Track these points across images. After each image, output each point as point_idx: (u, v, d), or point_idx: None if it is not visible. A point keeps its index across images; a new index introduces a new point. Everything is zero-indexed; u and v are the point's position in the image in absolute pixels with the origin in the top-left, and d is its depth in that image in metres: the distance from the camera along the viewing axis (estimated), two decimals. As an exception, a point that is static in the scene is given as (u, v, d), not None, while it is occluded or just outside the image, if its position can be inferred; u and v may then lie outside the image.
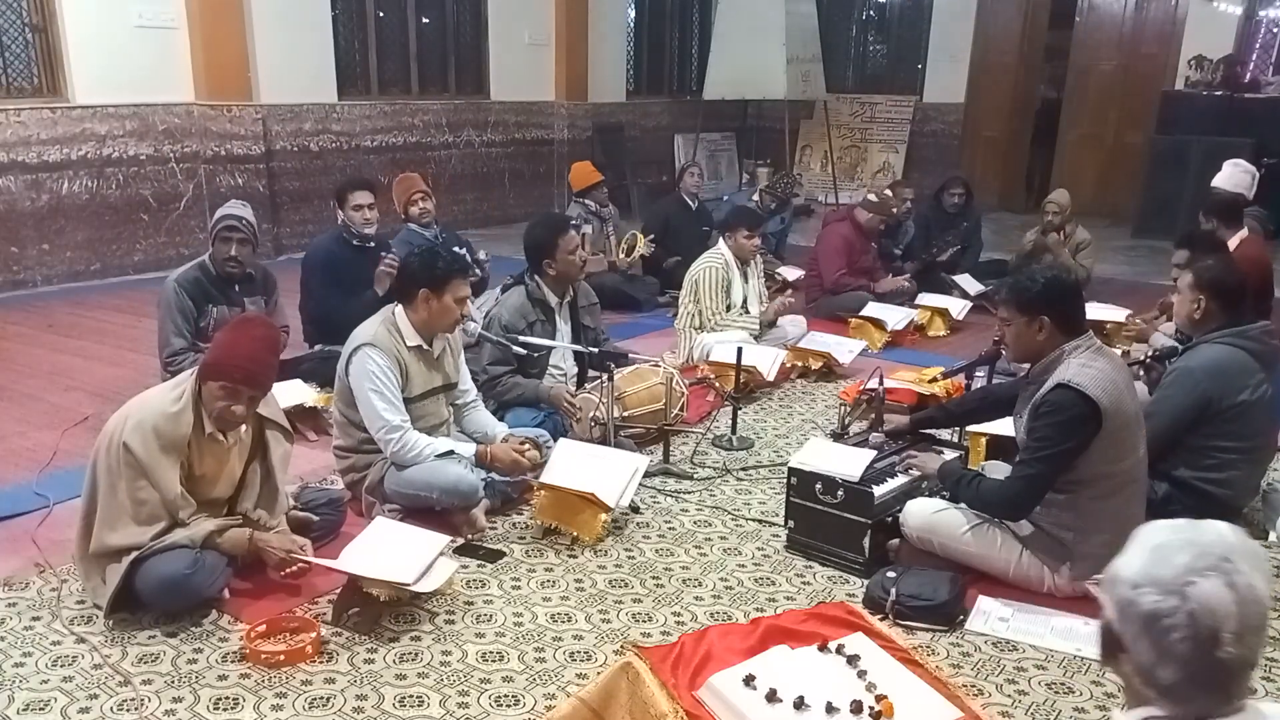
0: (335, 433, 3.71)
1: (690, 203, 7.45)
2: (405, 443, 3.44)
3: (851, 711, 2.26)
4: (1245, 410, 3.47)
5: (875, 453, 3.44)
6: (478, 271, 5.61)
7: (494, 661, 2.75)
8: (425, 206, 5.63)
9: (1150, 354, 4.24)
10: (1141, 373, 4.15)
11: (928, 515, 3.18)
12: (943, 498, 3.29)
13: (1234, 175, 6.04)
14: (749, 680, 2.31)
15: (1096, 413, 2.86)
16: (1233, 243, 5.15)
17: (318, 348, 4.93)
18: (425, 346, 3.57)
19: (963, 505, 3.17)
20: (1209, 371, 3.49)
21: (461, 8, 9.91)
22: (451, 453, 3.52)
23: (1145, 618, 1.27)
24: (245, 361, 2.88)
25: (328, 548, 3.24)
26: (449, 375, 3.73)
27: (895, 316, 6.11)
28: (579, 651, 2.82)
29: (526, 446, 3.62)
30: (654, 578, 3.24)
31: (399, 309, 3.56)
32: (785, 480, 3.44)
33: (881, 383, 3.93)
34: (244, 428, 3.05)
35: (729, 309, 5.49)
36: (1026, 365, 3.22)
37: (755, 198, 8.04)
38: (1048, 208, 7.07)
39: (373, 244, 5.04)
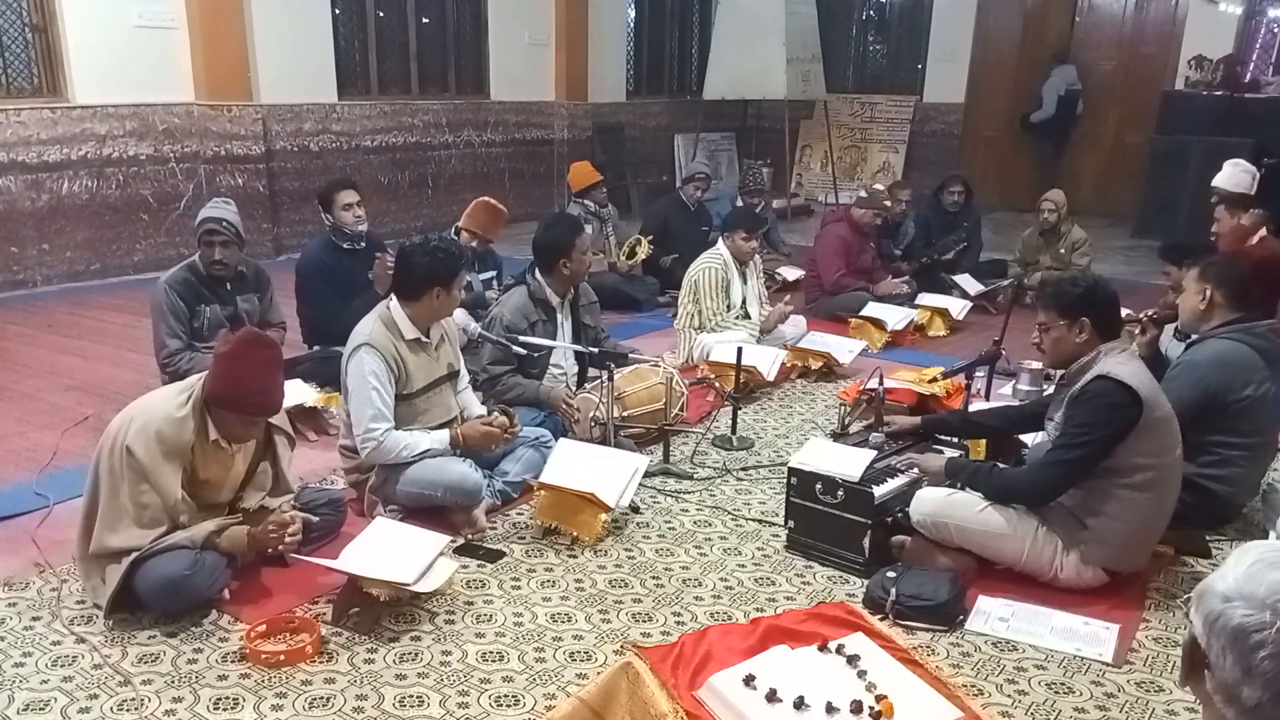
0: (343, 431, 3.70)
1: (689, 204, 7.45)
2: (381, 444, 3.43)
3: (851, 711, 2.26)
4: (1249, 406, 3.48)
5: (875, 453, 3.44)
6: (491, 293, 5.46)
7: (494, 661, 2.75)
8: (475, 246, 5.43)
9: (1150, 314, 4.23)
10: (1138, 333, 4.13)
11: (941, 499, 3.20)
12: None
13: (1234, 175, 6.05)
14: (749, 680, 2.31)
15: (1137, 403, 2.93)
16: (1252, 241, 5.16)
17: (316, 348, 4.92)
18: (424, 338, 3.58)
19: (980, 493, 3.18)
20: (1214, 364, 3.49)
21: (461, 8, 9.90)
22: (429, 450, 3.51)
23: (1233, 632, 1.23)
24: (259, 395, 2.90)
25: (328, 548, 3.24)
26: (452, 363, 3.73)
27: (895, 316, 6.11)
28: (579, 651, 2.82)
29: (494, 416, 3.63)
30: (654, 578, 3.24)
31: (393, 303, 3.56)
32: (785, 480, 3.44)
33: (881, 383, 3.94)
34: None
35: (729, 309, 5.50)
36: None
37: (739, 201, 8.02)
38: (1044, 206, 7.09)
39: (363, 244, 4.97)
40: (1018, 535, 3.11)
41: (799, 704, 2.26)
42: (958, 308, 6.52)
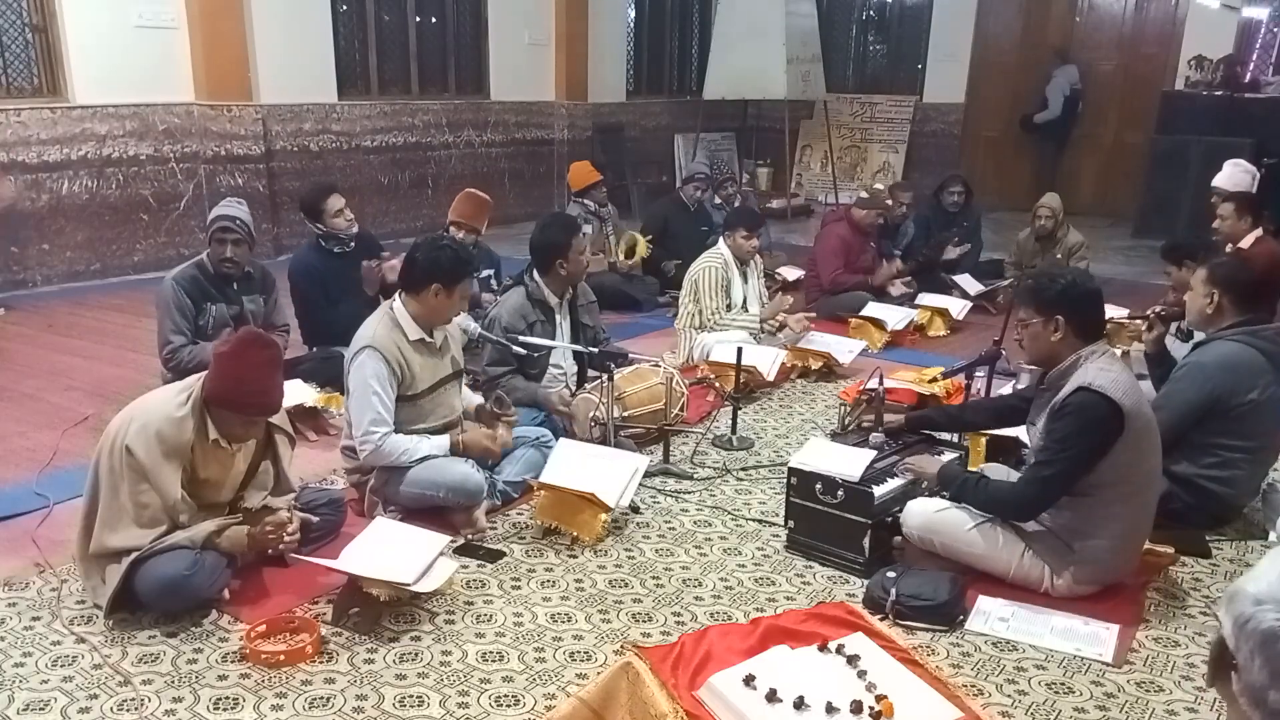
0: (345, 431, 3.69)
1: (689, 204, 7.45)
2: (379, 448, 3.43)
3: (851, 711, 2.26)
4: (1253, 410, 3.46)
5: (875, 453, 3.44)
6: (488, 296, 5.49)
7: (494, 661, 2.76)
8: (462, 239, 5.40)
9: (1157, 311, 4.22)
10: (1143, 326, 4.12)
11: (929, 515, 3.18)
12: (942, 498, 3.29)
13: (1234, 175, 6.05)
14: (749, 680, 2.31)
15: (1119, 415, 2.87)
16: (1248, 240, 5.16)
17: (316, 349, 4.92)
18: (428, 338, 3.57)
19: (965, 504, 3.17)
20: (1221, 367, 3.48)
21: (461, 8, 9.90)
22: (430, 455, 3.50)
23: (1263, 636, 1.21)
24: (259, 395, 2.89)
25: (328, 548, 3.24)
26: (456, 362, 3.73)
27: (895, 316, 6.11)
28: (579, 651, 2.82)
29: (498, 430, 3.63)
30: (654, 578, 3.24)
31: (397, 303, 3.56)
32: (785, 480, 3.44)
33: (881, 383, 3.93)
34: None
35: (729, 309, 5.50)
36: (1032, 367, 3.23)
37: (718, 200, 8.05)
38: (1039, 212, 7.06)
39: (352, 245, 4.91)
40: (1003, 558, 3.09)
41: (799, 704, 2.26)
42: (958, 308, 6.52)
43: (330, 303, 4.79)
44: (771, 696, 2.27)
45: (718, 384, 4.72)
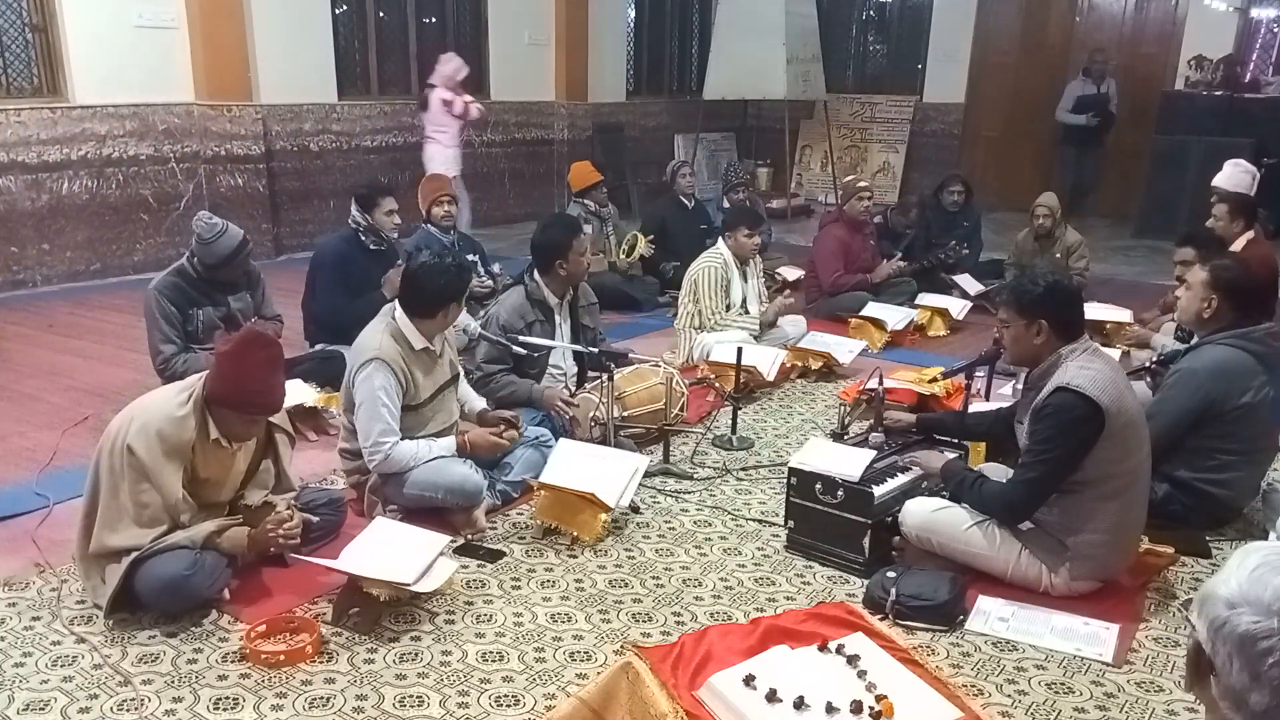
0: (343, 435, 3.69)
1: (687, 203, 7.45)
2: (390, 457, 3.43)
3: (851, 711, 2.26)
4: (1247, 412, 3.46)
5: (875, 453, 3.44)
6: (489, 282, 5.61)
7: (494, 661, 2.76)
8: (449, 210, 5.62)
9: (1155, 359, 4.23)
10: (1148, 379, 4.13)
11: (927, 514, 3.19)
12: (943, 497, 3.30)
13: (1234, 175, 6.03)
14: (749, 680, 2.31)
15: (1098, 413, 2.87)
16: (1240, 243, 5.14)
17: (319, 347, 4.92)
18: (431, 347, 3.58)
19: (964, 504, 3.18)
20: (1212, 373, 3.47)
21: (461, 8, 9.90)
22: (438, 457, 3.51)
23: (1240, 639, 1.23)
24: (260, 394, 2.90)
25: (328, 548, 3.24)
26: (454, 365, 3.74)
27: (895, 316, 6.11)
28: (579, 651, 2.82)
29: (503, 427, 3.64)
30: (654, 578, 3.24)
31: (398, 312, 3.55)
32: (785, 480, 3.44)
33: (881, 383, 3.93)
34: None
35: (728, 308, 5.50)
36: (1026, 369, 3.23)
37: (726, 204, 8.04)
38: (1037, 211, 7.02)
39: (385, 246, 5.03)
40: (1000, 557, 3.09)
41: (799, 704, 2.26)
42: (958, 308, 6.52)
43: (347, 295, 4.82)
44: (771, 696, 2.27)
45: (718, 384, 4.72)
